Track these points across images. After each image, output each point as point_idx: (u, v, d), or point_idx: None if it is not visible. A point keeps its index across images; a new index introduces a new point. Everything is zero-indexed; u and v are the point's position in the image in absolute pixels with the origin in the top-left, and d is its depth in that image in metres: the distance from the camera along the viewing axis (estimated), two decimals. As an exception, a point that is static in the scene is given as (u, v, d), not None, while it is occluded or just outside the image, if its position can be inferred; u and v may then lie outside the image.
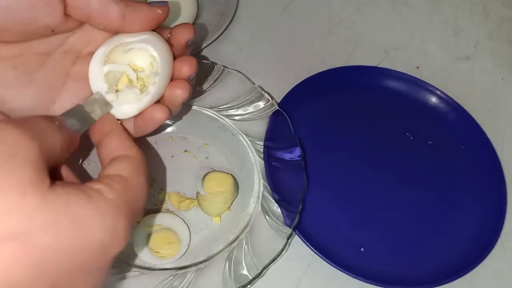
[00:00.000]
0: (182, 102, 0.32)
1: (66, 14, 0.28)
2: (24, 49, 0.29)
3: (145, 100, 0.31)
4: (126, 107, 0.31)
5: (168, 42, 0.32)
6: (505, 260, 0.43)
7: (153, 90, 0.31)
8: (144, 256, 0.39)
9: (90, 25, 0.30)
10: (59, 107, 0.31)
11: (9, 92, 0.29)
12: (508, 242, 0.44)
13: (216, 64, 0.46)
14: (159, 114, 0.31)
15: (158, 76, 0.30)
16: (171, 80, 0.32)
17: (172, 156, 0.45)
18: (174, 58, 0.32)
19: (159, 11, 0.30)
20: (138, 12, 0.29)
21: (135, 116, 0.32)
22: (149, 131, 0.32)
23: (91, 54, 0.31)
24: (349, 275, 0.39)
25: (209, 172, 0.43)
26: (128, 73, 0.30)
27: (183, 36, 0.32)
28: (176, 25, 0.32)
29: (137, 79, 0.31)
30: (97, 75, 0.30)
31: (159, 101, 0.32)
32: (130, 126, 0.32)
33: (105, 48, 0.30)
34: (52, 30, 0.28)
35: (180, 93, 0.32)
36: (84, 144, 0.29)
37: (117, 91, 0.31)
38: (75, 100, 0.30)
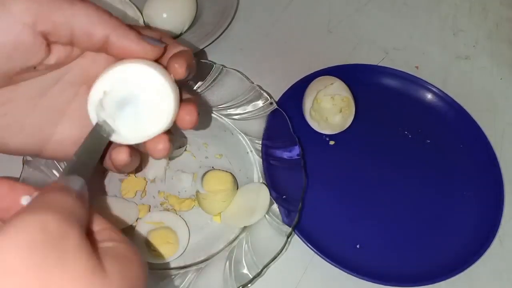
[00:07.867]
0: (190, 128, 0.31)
1: (48, 46, 0.27)
2: (12, 95, 0.28)
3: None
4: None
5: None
6: (502, 258, 0.43)
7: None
8: (141, 253, 0.39)
9: (75, 47, 0.28)
10: (53, 147, 0.30)
11: None
12: (505, 240, 0.44)
13: (215, 63, 0.46)
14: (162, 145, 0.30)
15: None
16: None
17: (172, 156, 0.45)
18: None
19: (147, 46, 0.28)
20: (126, 38, 0.28)
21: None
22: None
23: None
24: (348, 272, 0.39)
25: (208, 171, 0.43)
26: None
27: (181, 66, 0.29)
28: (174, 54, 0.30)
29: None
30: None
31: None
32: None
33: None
34: (34, 67, 0.27)
35: (189, 119, 0.30)
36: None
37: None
38: (72, 138, 0.30)
